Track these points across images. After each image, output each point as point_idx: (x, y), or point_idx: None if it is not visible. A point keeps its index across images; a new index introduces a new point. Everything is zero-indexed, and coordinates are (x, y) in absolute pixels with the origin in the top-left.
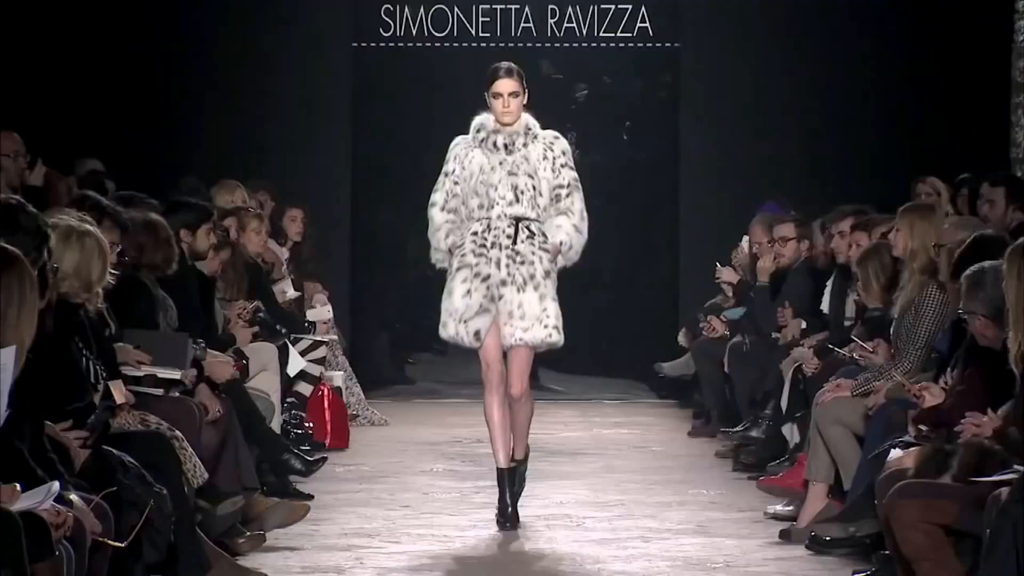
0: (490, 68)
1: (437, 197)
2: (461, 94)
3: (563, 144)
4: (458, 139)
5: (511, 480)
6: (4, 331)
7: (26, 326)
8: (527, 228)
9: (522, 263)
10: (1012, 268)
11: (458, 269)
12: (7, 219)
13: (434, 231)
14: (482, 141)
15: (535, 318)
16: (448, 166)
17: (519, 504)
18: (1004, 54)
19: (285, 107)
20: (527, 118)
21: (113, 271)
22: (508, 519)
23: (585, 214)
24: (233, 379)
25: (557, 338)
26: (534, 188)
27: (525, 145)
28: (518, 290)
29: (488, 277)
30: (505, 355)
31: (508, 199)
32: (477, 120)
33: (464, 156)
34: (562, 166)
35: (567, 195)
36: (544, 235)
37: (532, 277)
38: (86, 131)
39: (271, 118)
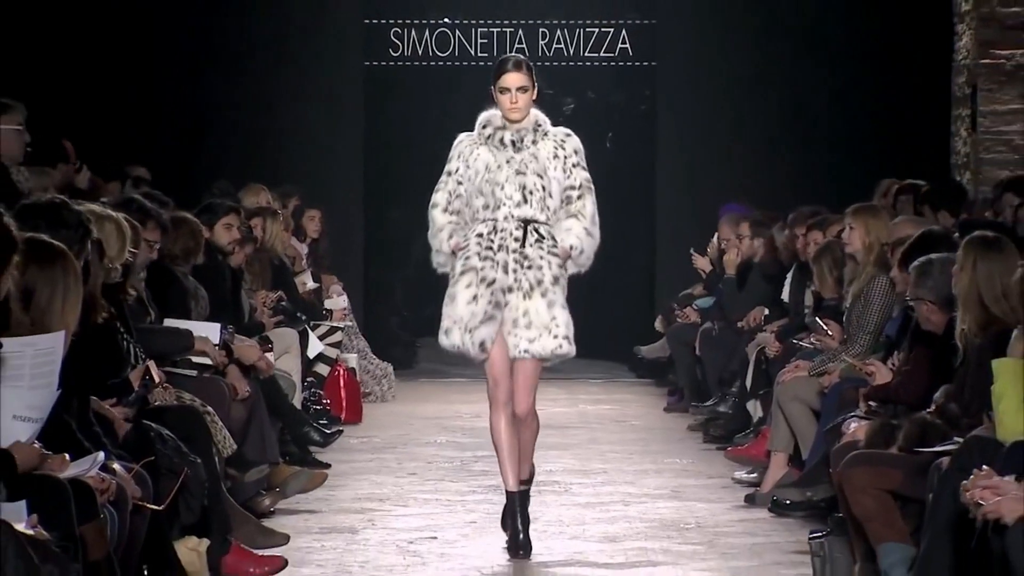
0: (497, 60)
1: (439, 198)
2: (462, 107)
3: (575, 142)
4: (462, 136)
5: (523, 503)
6: (52, 318)
7: (71, 312)
8: (536, 231)
9: (529, 268)
10: (967, 259)
11: (462, 273)
12: (53, 216)
13: (436, 232)
14: (488, 138)
15: (543, 327)
16: (451, 165)
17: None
18: (946, 72)
19: (306, 119)
20: (536, 114)
21: (132, 250)
22: (521, 546)
23: (597, 217)
24: (266, 375)
25: (568, 349)
26: (543, 188)
27: (534, 142)
28: (524, 296)
29: (493, 282)
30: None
31: (516, 200)
32: (483, 116)
33: (469, 154)
34: (574, 166)
35: (578, 197)
36: (554, 239)
37: (540, 283)
38: (132, 140)
39: (294, 129)
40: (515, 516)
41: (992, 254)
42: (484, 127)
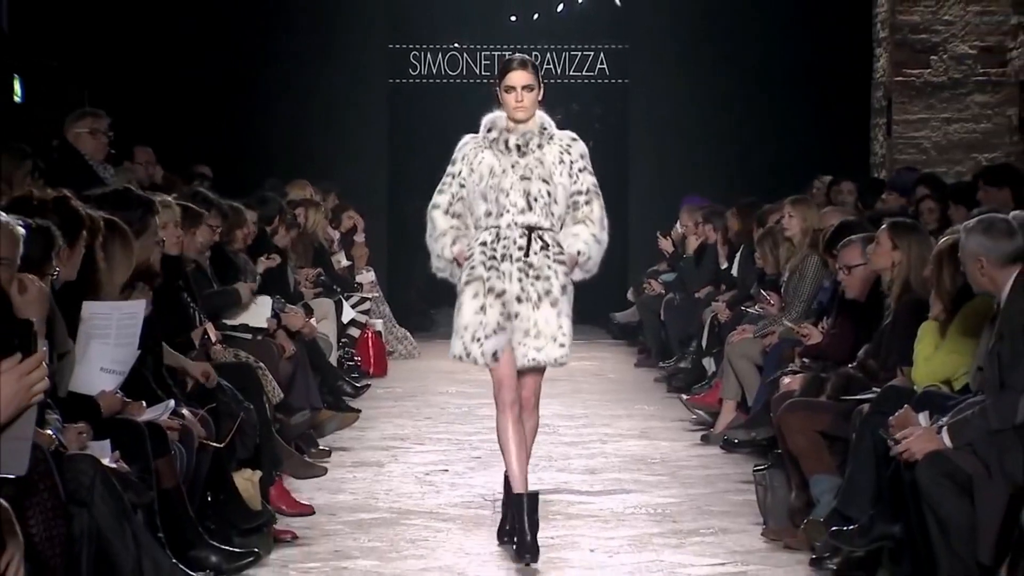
0: (502, 61)
1: (440, 199)
2: (470, 119)
3: (581, 147)
4: (466, 138)
5: (531, 506)
6: (111, 284)
7: (119, 275)
8: (540, 238)
9: (536, 278)
10: (901, 241)
11: (467, 283)
12: (121, 200)
13: (437, 236)
14: (493, 141)
15: (550, 337)
16: (455, 167)
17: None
18: (866, 87)
19: (340, 127)
20: (542, 116)
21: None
22: (529, 550)
23: (606, 221)
24: (309, 338)
25: (567, 356)
26: (549, 195)
27: (540, 146)
28: (533, 307)
29: (503, 293)
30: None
31: (520, 206)
32: (488, 118)
33: (473, 157)
34: (580, 171)
35: (586, 202)
36: (559, 245)
37: (548, 293)
38: (197, 142)
39: (330, 136)
40: (522, 519)
41: (921, 238)
42: (489, 130)
